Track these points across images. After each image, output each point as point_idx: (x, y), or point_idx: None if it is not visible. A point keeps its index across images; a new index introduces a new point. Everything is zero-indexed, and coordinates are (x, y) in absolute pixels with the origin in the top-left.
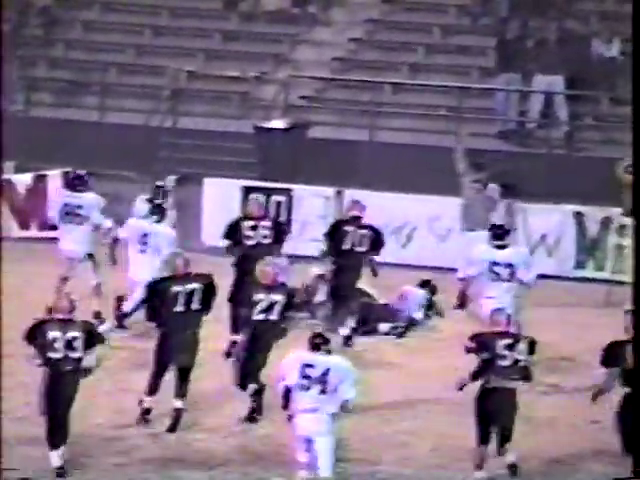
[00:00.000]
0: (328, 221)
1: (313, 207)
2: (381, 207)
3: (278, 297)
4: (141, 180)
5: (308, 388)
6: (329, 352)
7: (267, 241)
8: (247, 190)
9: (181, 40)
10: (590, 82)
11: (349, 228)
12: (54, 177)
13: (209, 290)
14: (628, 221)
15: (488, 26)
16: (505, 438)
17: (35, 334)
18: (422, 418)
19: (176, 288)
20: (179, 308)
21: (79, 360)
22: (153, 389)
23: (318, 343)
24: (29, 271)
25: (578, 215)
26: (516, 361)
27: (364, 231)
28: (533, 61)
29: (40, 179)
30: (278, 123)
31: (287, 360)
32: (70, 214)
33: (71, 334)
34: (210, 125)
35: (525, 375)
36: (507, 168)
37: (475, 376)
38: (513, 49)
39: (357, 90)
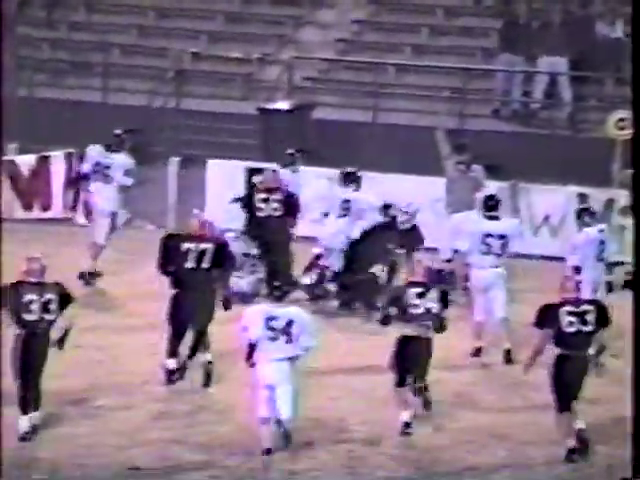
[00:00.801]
0: (331, 202)
1: (316, 188)
2: (384, 188)
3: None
4: (144, 161)
5: (274, 339)
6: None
7: (277, 213)
8: (251, 172)
9: (184, 21)
10: (594, 63)
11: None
12: (57, 158)
13: (221, 251)
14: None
15: (492, 7)
16: (418, 387)
17: (8, 296)
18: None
19: (187, 245)
20: (190, 264)
21: (52, 322)
22: (173, 352)
23: (279, 295)
24: (33, 252)
25: (582, 196)
26: (428, 309)
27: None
28: (537, 43)
29: (43, 160)
30: (282, 104)
31: (249, 313)
32: (98, 172)
33: (47, 296)
34: (214, 107)
35: (438, 324)
36: (496, 149)
37: (384, 322)
38: (516, 31)
39: (361, 71)
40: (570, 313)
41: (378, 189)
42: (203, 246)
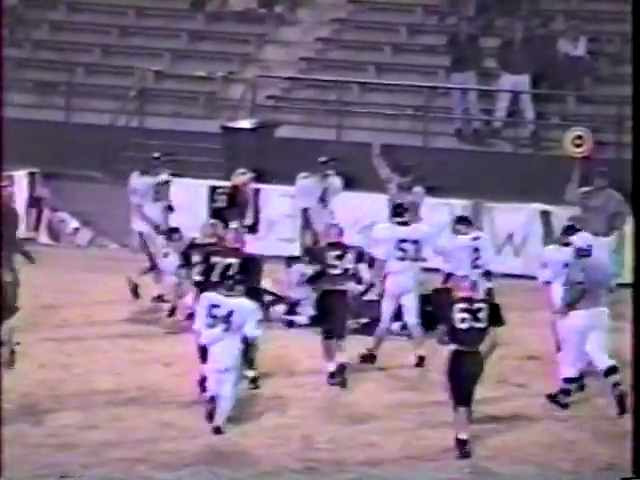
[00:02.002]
0: (295, 221)
1: (280, 206)
2: (348, 206)
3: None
4: (107, 180)
5: (214, 326)
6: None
7: (221, 205)
8: (214, 190)
9: (148, 40)
10: (556, 81)
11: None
12: (20, 178)
13: (246, 266)
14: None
15: (454, 25)
16: (337, 334)
17: None
18: (390, 418)
19: (215, 259)
20: (215, 278)
21: None
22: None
23: (231, 284)
24: None
25: (545, 214)
26: (346, 269)
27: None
28: (498, 60)
29: (6, 180)
30: (245, 123)
31: (200, 300)
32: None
33: None
34: (177, 125)
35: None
36: (458, 167)
37: (310, 280)
38: (471, 48)
39: (324, 90)
40: (463, 310)
41: (342, 207)
42: (228, 260)
